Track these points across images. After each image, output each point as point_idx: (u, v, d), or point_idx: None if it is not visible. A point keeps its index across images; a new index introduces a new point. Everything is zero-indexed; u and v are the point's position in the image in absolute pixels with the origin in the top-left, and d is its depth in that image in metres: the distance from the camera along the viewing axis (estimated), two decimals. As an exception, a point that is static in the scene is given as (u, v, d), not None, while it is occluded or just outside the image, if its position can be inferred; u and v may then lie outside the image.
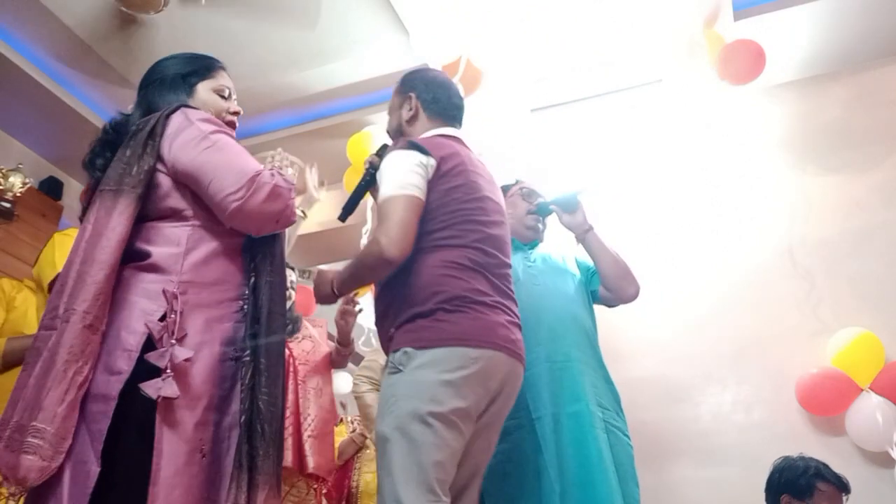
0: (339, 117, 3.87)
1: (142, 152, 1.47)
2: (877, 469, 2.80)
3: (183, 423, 1.31)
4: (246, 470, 1.35)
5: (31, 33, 3.33)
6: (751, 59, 3.08)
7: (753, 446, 2.94)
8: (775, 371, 3.05)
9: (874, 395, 2.82)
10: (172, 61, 1.72)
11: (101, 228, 1.40)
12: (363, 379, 3.08)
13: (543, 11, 3.18)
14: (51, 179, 4.10)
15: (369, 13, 3.23)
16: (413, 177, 1.70)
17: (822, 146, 3.38)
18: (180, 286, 1.39)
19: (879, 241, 3.12)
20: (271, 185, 1.45)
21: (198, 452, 1.31)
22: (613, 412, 2.11)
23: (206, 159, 1.45)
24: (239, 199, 1.41)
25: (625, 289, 2.27)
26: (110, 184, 1.45)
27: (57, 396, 1.25)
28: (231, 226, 1.47)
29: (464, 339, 1.59)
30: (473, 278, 1.67)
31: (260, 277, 1.49)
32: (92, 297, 1.33)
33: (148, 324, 1.34)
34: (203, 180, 1.45)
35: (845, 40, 3.33)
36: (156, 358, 1.31)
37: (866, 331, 2.91)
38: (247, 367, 1.41)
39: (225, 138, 1.51)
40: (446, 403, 1.53)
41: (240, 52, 3.44)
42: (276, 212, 1.47)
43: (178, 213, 1.48)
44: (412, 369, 1.57)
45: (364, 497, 3.45)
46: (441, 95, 1.96)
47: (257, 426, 1.38)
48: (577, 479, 1.94)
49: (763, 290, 3.20)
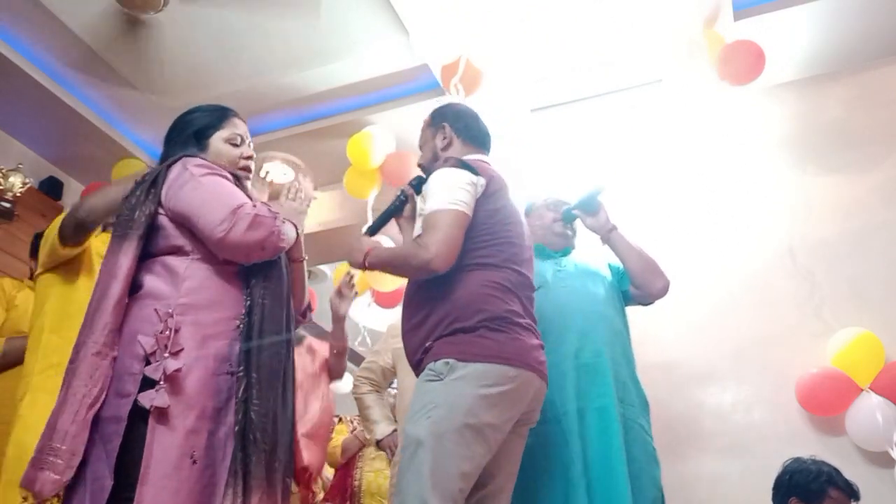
0: (339, 117, 3.86)
1: (144, 199, 1.64)
2: (877, 469, 2.80)
3: (173, 430, 1.43)
4: (241, 476, 1.46)
5: (31, 33, 3.33)
6: (751, 60, 3.08)
7: (753, 446, 2.95)
8: (775, 371, 3.05)
9: (874, 395, 2.82)
10: (189, 118, 1.86)
11: (111, 269, 1.58)
12: (363, 380, 3.08)
13: (543, 11, 3.18)
14: (51, 179, 4.10)
15: (369, 13, 3.23)
16: (463, 194, 1.79)
17: (822, 146, 3.37)
18: (178, 308, 1.53)
19: (879, 241, 3.12)
20: (252, 215, 1.57)
21: (188, 458, 1.42)
22: (637, 409, 2.15)
23: (194, 197, 1.61)
24: (223, 231, 1.55)
25: (652, 283, 2.30)
26: (118, 230, 1.63)
27: (68, 418, 1.43)
28: (222, 256, 1.61)
29: (504, 357, 1.68)
30: (511, 300, 1.77)
31: (255, 299, 1.61)
32: (100, 328, 1.50)
33: (140, 341, 1.49)
34: (193, 217, 1.60)
35: (845, 40, 3.33)
36: (151, 371, 1.45)
37: (866, 331, 2.91)
38: (240, 382, 1.53)
39: (213, 178, 1.65)
40: (481, 417, 1.61)
41: (240, 51, 3.44)
42: (260, 239, 1.58)
43: (180, 249, 1.62)
44: (452, 380, 1.64)
45: (366, 495, 3.45)
46: (471, 124, 2.07)
47: (250, 435, 1.50)
48: (601, 472, 1.99)
49: (763, 290, 3.20)
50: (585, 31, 3.29)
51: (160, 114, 3.51)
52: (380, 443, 3.00)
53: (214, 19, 3.25)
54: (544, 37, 3.31)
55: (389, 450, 2.95)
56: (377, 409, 3.03)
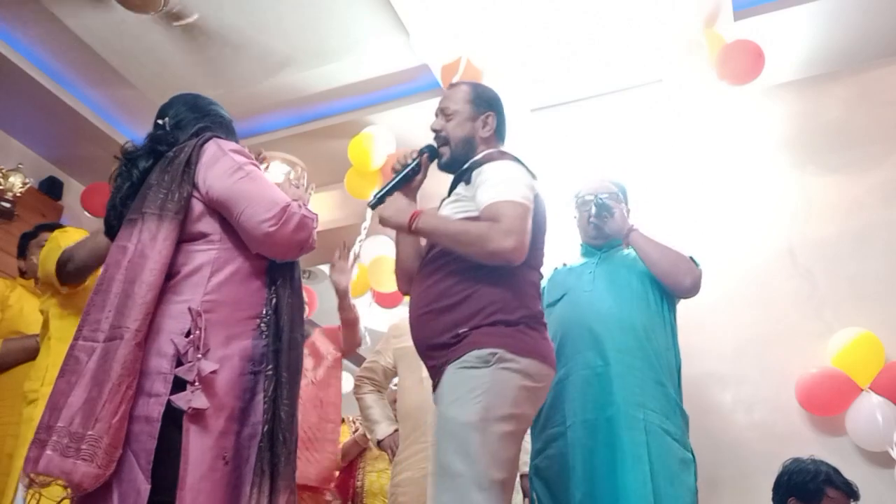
0: (339, 117, 3.87)
1: (181, 180, 1.58)
2: (877, 469, 2.80)
3: (208, 431, 1.41)
4: (268, 476, 1.45)
5: (31, 34, 3.33)
6: (750, 59, 3.08)
7: (753, 446, 2.94)
8: (775, 371, 3.05)
9: (874, 395, 2.82)
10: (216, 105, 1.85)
11: (146, 250, 1.50)
12: (364, 380, 3.08)
13: (543, 11, 3.18)
14: (51, 179, 4.10)
15: (369, 13, 3.23)
16: (530, 192, 1.80)
17: (823, 146, 3.37)
18: (204, 304, 1.49)
19: (879, 241, 3.12)
20: (300, 215, 1.58)
21: (220, 459, 1.41)
22: (661, 414, 2.08)
23: (241, 188, 1.57)
24: (272, 226, 1.53)
25: (679, 282, 2.27)
26: (153, 208, 1.55)
27: (112, 409, 1.35)
28: (258, 251, 1.59)
29: (543, 355, 1.73)
30: (539, 303, 1.84)
31: (281, 299, 1.60)
32: (143, 316, 1.43)
33: (174, 340, 1.44)
34: (236, 208, 1.56)
35: (845, 40, 3.33)
36: (184, 372, 1.41)
37: (866, 331, 2.91)
38: (269, 380, 1.51)
39: (256, 170, 1.63)
40: (521, 407, 1.66)
41: (240, 51, 3.44)
42: (302, 240, 1.59)
43: (207, 237, 1.59)
44: (499, 369, 1.65)
45: (369, 496, 3.45)
46: (504, 120, 2.03)
47: (279, 434, 1.49)
48: (607, 482, 1.97)
49: (763, 290, 3.20)
50: (585, 32, 3.29)
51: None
52: (381, 443, 3.00)
53: (215, 19, 3.26)
54: (544, 37, 3.31)
55: (391, 450, 2.94)
56: (378, 410, 3.03)
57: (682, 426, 2.14)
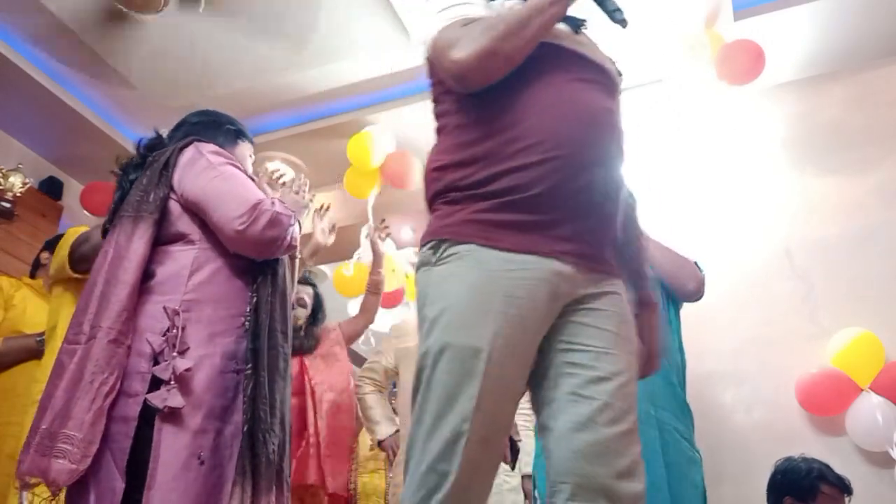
0: (339, 117, 3.86)
1: (157, 181, 1.59)
2: (877, 469, 2.81)
3: (183, 430, 1.40)
4: (249, 476, 1.43)
5: (31, 33, 3.33)
6: (750, 59, 3.08)
7: (753, 446, 2.94)
8: (775, 371, 3.05)
9: (874, 395, 2.82)
10: (227, 116, 1.88)
11: (122, 251, 1.52)
12: (366, 380, 3.08)
13: (543, 11, 3.17)
14: (51, 179, 4.09)
15: (369, 13, 3.23)
16: None
17: (822, 146, 3.37)
18: (183, 304, 1.49)
19: (879, 241, 3.12)
20: (271, 212, 1.55)
21: (195, 458, 1.39)
22: (671, 413, 2.08)
23: (213, 188, 1.57)
24: (242, 225, 1.52)
25: (683, 286, 2.24)
26: (129, 210, 1.57)
27: (85, 405, 1.36)
28: (234, 250, 1.58)
29: None
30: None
31: (261, 297, 1.58)
32: (115, 314, 1.44)
33: (148, 339, 1.44)
34: (209, 207, 1.56)
35: (845, 40, 3.33)
36: (160, 371, 1.41)
37: (866, 331, 2.91)
38: (248, 380, 1.49)
39: (231, 169, 1.62)
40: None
41: (240, 51, 3.44)
42: (275, 237, 1.57)
43: (186, 237, 1.58)
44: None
45: (362, 498, 3.44)
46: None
47: (259, 435, 1.47)
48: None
49: (763, 291, 3.20)
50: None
51: (160, 114, 3.50)
52: (381, 444, 3.00)
53: (215, 19, 3.25)
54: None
55: (391, 450, 2.94)
56: (379, 410, 3.03)
57: (690, 425, 2.14)
